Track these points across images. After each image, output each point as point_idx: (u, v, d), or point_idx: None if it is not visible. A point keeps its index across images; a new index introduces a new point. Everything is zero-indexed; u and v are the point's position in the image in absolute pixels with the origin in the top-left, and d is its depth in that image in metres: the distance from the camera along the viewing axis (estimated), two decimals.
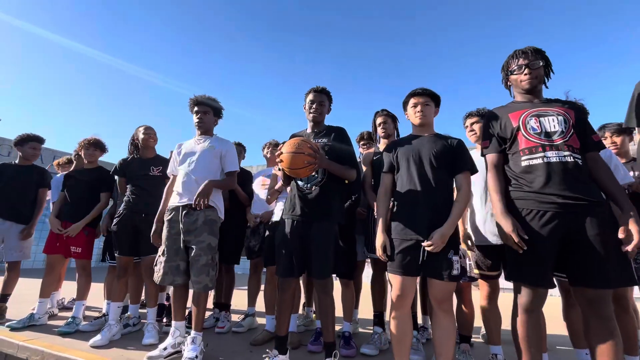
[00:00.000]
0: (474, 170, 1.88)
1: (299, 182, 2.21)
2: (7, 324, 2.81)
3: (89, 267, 3.09)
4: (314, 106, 2.29)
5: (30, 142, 3.33)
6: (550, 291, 1.61)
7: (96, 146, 3.26)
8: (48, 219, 3.14)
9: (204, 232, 2.29)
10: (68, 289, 3.88)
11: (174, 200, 2.42)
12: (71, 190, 3.15)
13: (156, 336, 2.60)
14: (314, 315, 3.28)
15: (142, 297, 3.52)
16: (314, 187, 2.16)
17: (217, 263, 2.37)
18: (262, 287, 3.21)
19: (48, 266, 3.07)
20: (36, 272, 3.95)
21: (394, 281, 1.81)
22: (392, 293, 1.83)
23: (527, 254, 1.53)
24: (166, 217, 2.41)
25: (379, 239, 1.86)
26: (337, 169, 2.14)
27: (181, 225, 2.30)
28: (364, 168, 2.85)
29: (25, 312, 3.05)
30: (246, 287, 3.26)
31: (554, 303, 2.43)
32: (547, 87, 1.79)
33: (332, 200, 2.15)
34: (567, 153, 1.54)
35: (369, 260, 2.88)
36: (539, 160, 1.57)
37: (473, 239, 2.22)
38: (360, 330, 3.23)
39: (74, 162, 3.74)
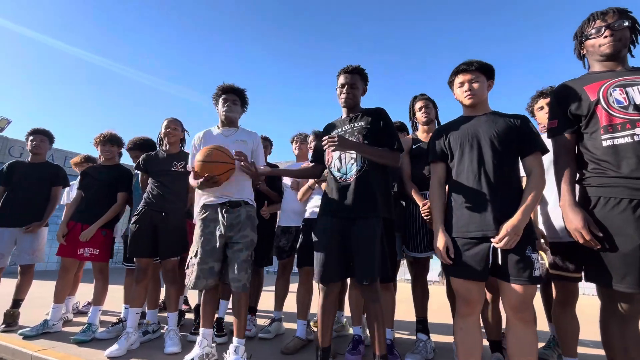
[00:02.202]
0: (545, 150, 1.59)
1: (336, 173, 1.96)
2: (19, 331, 2.62)
3: (106, 270, 2.88)
4: (344, 89, 2.04)
5: (32, 135, 3.16)
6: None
7: (113, 142, 3.05)
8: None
9: (247, 227, 2.16)
10: (82, 292, 3.69)
11: (208, 199, 2.22)
12: (87, 189, 2.95)
13: (179, 344, 2.39)
14: (344, 319, 3.04)
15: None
16: (352, 177, 1.89)
17: (252, 263, 2.21)
18: (291, 288, 2.99)
19: (62, 269, 2.87)
20: (50, 274, 3.79)
21: (459, 287, 1.55)
22: (457, 301, 1.57)
23: (617, 251, 1.27)
24: (199, 216, 2.21)
25: (440, 239, 1.59)
26: (374, 153, 1.88)
27: (223, 222, 2.13)
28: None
29: (38, 317, 2.88)
30: (270, 288, 3.03)
31: None
32: (632, 56, 1.50)
33: (375, 191, 1.88)
34: None
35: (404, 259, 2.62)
36: (627, 139, 1.30)
37: (546, 235, 1.92)
38: (396, 335, 2.97)
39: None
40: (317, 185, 2.68)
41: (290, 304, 3.01)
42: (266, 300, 3.43)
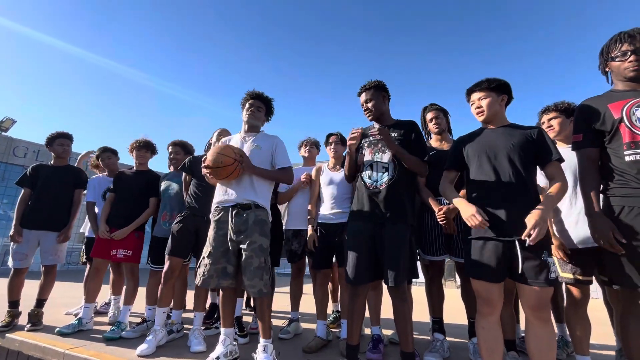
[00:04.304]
0: (561, 159, 1.68)
1: (367, 180, 2.08)
2: (57, 329, 2.71)
3: (137, 271, 3.00)
4: (367, 105, 2.19)
5: (57, 139, 3.25)
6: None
7: (147, 148, 3.22)
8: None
9: (255, 233, 2.14)
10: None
11: (222, 200, 2.27)
12: (121, 192, 3.07)
13: (204, 343, 2.48)
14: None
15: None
16: (383, 185, 2.02)
17: (270, 267, 2.22)
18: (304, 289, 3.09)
19: (94, 270, 2.99)
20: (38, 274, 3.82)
21: (480, 288, 1.66)
22: (478, 301, 1.68)
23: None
24: (214, 217, 2.28)
25: (468, 208, 1.64)
26: (410, 160, 2.02)
27: (231, 226, 2.17)
28: None
29: (53, 316, 2.94)
30: (281, 289, 3.13)
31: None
32: None
33: (404, 199, 2.01)
34: None
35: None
36: None
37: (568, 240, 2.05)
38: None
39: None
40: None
41: (303, 305, 3.12)
42: (279, 301, 3.53)
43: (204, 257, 2.23)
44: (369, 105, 2.18)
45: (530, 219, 1.51)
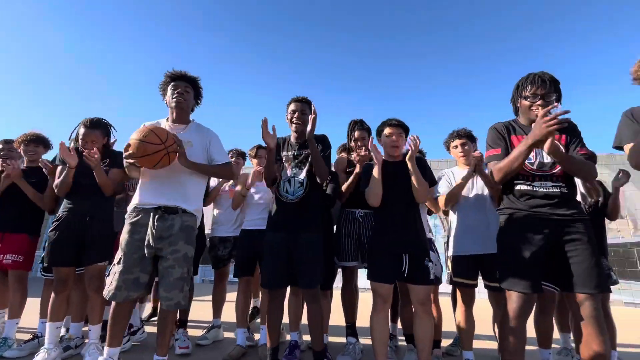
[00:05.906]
0: (432, 183, 2.19)
1: (284, 194, 2.23)
2: None
3: (26, 280, 2.59)
4: (295, 115, 2.29)
5: None
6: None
7: (38, 142, 2.76)
8: None
9: (180, 240, 1.94)
10: None
11: (142, 200, 1.99)
12: (11, 193, 2.60)
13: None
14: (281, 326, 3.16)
15: None
16: (298, 198, 2.19)
17: (192, 278, 2.10)
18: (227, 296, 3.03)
19: None
20: None
21: (379, 289, 1.97)
22: (376, 299, 1.99)
23: (518, 259, 1.65)
24: (129, 219, 2.00)
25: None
26: (321, 165, 2.17)
27: (152, 231, 1.91)
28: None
29: None
30: (199, 297, 3.02)
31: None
32: None
33: (317, 210, 2.22)
34: (550, 184, 1.66)
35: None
36: (528, 187, 1.70)
37: (453, 250, 2.38)
38: (329, 339, 3.19)
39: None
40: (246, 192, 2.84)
41: (226, 313, 3.06)
42: (198, 310, 3.39)
43: (114, 265, 1.96)
44: (303, 117, 2.27)
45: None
